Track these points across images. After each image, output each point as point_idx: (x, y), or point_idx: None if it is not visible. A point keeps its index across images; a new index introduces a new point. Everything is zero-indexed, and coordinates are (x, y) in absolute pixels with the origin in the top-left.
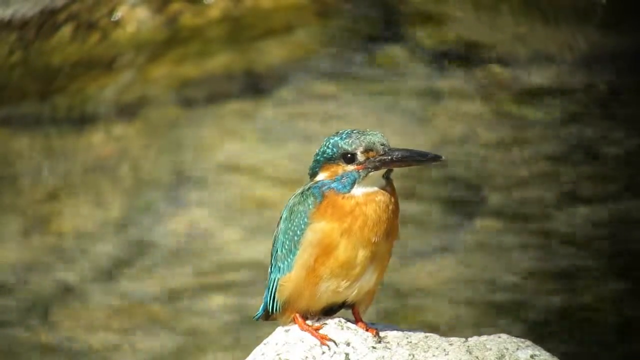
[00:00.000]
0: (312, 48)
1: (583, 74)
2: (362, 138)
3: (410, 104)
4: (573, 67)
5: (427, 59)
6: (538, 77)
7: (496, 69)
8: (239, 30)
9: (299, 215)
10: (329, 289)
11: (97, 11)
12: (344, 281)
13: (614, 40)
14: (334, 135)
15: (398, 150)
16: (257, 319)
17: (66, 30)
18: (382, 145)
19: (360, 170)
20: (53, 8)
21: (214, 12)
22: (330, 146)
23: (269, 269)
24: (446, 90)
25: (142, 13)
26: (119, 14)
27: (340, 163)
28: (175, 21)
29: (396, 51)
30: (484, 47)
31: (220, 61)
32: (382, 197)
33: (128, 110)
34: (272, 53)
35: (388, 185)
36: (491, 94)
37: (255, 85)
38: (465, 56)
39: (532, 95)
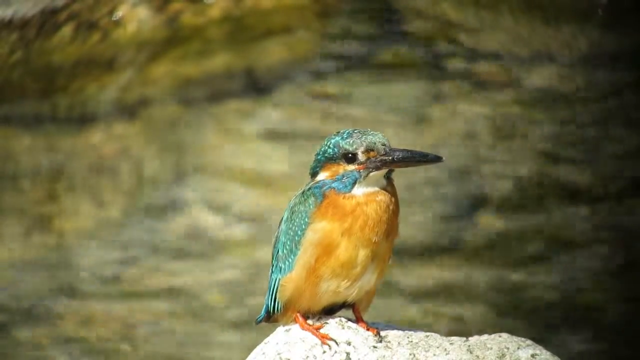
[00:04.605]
0: (313, 48)
1: (583, 74)
2: (363, 138)
3: (411, 104)
4: (573, 67)
5: (427, 59)
6: (538, 76)
7: (496, 68)
8: (240, 29)
9: (299, 215)
10: (330, 289)
11: (98, 11)
12: (345, 281)
13: (614, 39)
14: (335, 135)
15: (399, 150)
16: (259, 322)
17: (67, 30)
18: (383, 145)
19: (361, 170)
20: (54, 7)
21: (215, 12)
22: (331, 146)
23: (270, 269)
24: (446, 90)
25: (143, 12)
26: (119, 13)
27: (341, 163)
28: (176, 21)
29: (396, 51)
30: (484, 47)
31: (220, 61)
32: (383, 197)
33: (128, 110)
34: (273, 53)
35: (389, 185)
36: (491, 93)
37: (256, 85)
38: (465, 56)
39: (532, 95)
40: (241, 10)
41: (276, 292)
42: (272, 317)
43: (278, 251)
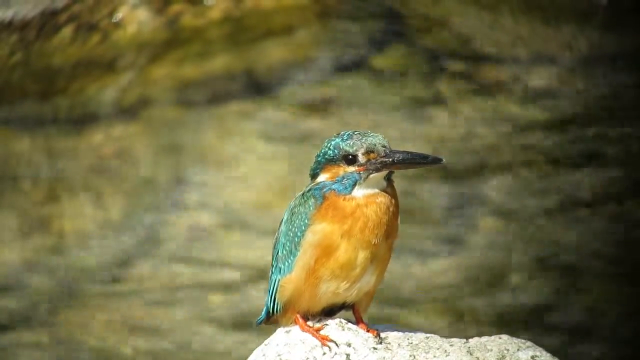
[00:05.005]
0: (313, 49)
1: (583, 75)
2: (363, 140)
3: (411, 104)
4: (573, 68)
5: (427, 59)
6: (538, 77)
7: (497, 69)
8: (240, 31)
9: (299, 216)
10: (329, 290)
11: (98, 12)
12: (344, 282)
13: (614, 40)
14: (335, 137)
15: (399, 152)
16: (260, 323)
17: (67, 31)
18: (383, 147)
19: (361, 172)
20: (54, 9)
21: (215, 13)
22: (331, 147)
23: (270, 270)
24: (446, 90)
25: (143, 14)
26: (119, 15)
27: (341, 164)
28: (176, 22)
29: (396, 51)
30: (484, 47)
31: (220, 62)
32: (383, 199)
33: (129, 111)
34: (273, 54)
35: (389, 186)
36: (492, 94)
37: (256, 86)
38: (465, 56)
39: (532, 95)
40: (241, 12)
41: (276, 293)
42: (272, 318)
43: (278, 252)
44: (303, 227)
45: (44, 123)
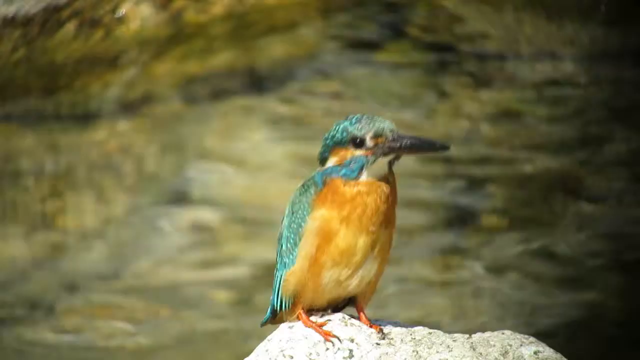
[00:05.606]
0: (316, 45)
1: (586, 71)
2: (371, 124)
3: (413, 101)
4: (576, 64)
5: (429, 55)
6: (541, 73)
7: (499, 65)
8: (243, 27)
9: (301, 206)
10: (332, 279)
11: (101, 8)
12: (345, 269)
13: (617, 36)
14: (343, 120)
15: (407, 137)
16: (264, 324)
17: (70, 27)
18: (391, 131)
19: (368, 156)
20: (57, 5)
21: (218, 9)
22: (339, 130)
23: (275, 267)
24: (449, 86)
25: (146, 10)
26: (122, 10)
27: (349, 147)
28: (179, 18)
29: (399, 47)
30: (487, 43)
31: (224, 58)
32: (384, 187)
33: (132, 107)
34: (276, 50)
35: (390, 174)
36: (494, 90)
37: (259, 82)
38: (468, 52)
39: (535, 91)
40: (244, 7)
41: (280, 288)
42: (277, 317)
43: (282, 247)
44: (305, 215)
45: (47, 119)
